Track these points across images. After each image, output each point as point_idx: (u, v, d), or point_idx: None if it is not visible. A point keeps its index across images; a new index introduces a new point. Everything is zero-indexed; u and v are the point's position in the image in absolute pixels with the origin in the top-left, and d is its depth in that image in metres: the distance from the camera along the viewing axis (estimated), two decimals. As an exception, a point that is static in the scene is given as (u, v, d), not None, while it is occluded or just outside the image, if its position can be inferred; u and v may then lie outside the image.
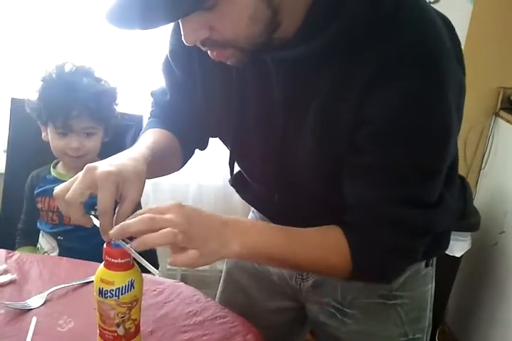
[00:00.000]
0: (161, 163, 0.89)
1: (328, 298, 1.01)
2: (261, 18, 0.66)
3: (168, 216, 0.71)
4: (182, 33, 0.68)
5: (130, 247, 0.71)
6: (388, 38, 0.68)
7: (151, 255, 1.48)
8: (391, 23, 0.69)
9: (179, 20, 0.68)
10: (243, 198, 1.07)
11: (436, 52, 0.69)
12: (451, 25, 0.75)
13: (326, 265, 0.82)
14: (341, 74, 0.72)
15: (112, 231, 0.70)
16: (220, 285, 1.21)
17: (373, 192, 0.77)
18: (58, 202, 0.75)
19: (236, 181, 1.05)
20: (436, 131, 0.72)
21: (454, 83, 0.71)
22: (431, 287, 1.01)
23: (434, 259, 1.01)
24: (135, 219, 0.71)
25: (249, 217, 1.16)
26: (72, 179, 0.75)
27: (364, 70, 0.69)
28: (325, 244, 0.81)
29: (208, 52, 0.73)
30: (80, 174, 0.74)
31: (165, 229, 0.69)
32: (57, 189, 0.75)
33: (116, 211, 0.75)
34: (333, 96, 0.73)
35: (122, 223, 0.71)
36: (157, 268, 1.58)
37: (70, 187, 0.74)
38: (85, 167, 0.75)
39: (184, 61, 0.91)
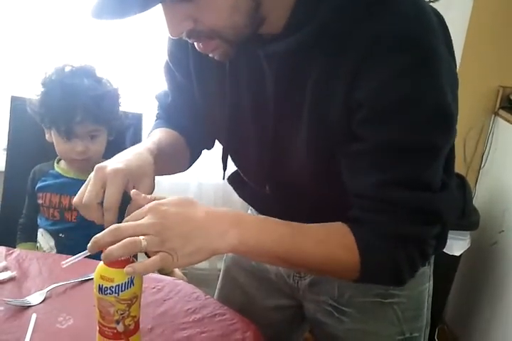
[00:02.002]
0: (167, 159, 0.90)
1: (326, 296, 1.00)
2: (243, 8, 0.68)
3: (141, 220, 0.70)
4: (166, 25, 0.69)
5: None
6: (376, 24, 0.68)
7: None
8: (379, 9, 0.68)
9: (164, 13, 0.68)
10: (241, 197, 1.07)
11: (427, 39, 0.68)
12: (443, 18, 0.75)
13: (335, 263, 0.77)
14: (330, 63, 0.71)
15: (89, 245, 0.70)
16: (219, 282, 1.21)
17: (374, 176, 0.74)
18: (79, 209, 0.77)
19: (233, 179, 1.06)
20: (430, 107, 0.70)
21: (446, 69, 0.70)
22: (428, 286, 1.01)
23: (432, 258, 1.00)
24: (104, 231, 0.70)
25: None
26: (85, 183, 0.78)
27: (352, 57, 0.69)
28: (332, 239, 0.77)
29: (195, 44, 0.73)
30: (91, 176, 0.77)
31: (126, 239, 0.68)
32: (75, 198, 0.77)
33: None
34: (324, 86, 0.73)
35: (95, 236, 0.70)
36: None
37: (85, 191, 0.76)
38: (95, 167, 0.77)
39: (182, 62, 0.92)
